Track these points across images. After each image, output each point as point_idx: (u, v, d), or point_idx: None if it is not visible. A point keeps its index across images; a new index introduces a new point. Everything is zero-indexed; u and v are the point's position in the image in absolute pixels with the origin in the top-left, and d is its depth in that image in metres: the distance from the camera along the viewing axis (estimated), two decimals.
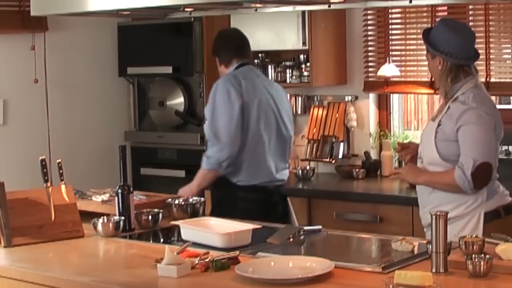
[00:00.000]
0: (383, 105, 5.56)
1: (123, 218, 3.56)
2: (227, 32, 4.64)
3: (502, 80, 5.01)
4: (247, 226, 3.30)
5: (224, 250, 3.08)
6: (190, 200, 3.90)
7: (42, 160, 3.54)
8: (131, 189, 3.62)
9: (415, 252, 3.02)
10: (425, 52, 5.31)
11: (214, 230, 3.31)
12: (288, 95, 5.63)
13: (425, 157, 3.55)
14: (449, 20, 3.94)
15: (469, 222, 3.47)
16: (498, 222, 3.52)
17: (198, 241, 3.22)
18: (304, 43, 5.27)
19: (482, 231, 3.41)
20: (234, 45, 4.33)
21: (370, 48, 5.47)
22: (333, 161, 5.45)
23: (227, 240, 3.17)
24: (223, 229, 3.28)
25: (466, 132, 3.42)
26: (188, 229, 3.34)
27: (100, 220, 3.51)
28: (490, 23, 4.97)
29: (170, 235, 3.57)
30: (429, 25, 5.17)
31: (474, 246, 2.81)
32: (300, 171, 5.32)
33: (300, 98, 5.64)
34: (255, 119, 4.17)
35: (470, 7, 5.00)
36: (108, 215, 3.61)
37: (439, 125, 3.49)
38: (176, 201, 3.86)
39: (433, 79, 5.17)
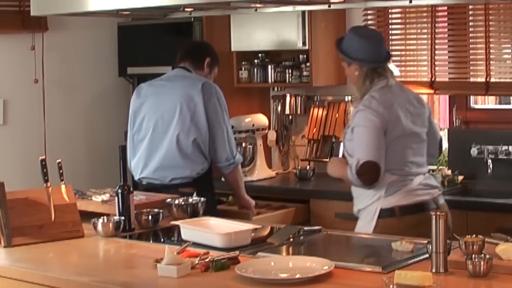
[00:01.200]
0: None
1: (123, 218, 3.56)
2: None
3: (502, 80, 5.01)
4: (247, 226, 3.30)
5: (224, 250, 3.08)
6: (190, 200, 3.90)
7: (42, 160, 3.54)
8: (131, 189, 3.62)
9: (415, 252, 3.02)
10: (425, 52, 5.37)
11: (214, 230, 3.31)
12: (288, 95, 5.66)
13: (346, 156, 3.81)
14: (358, 28, 4.22)
15: (367, 215, 3.70)
16: (392, 221, 3.66)
17: (198, 241, 3.22)
18: (304, 43, 5.27)
19: (373, 226, 3.64)
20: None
21: None
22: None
23: (227, 240, 3.17)
24: (223, 229, 3.28)
25: (354, 133, 3.68)
26: (188, 229, 3.34)
27: (100, 220, 3.52)
28: (490, 23, 4.97)
29: (170, 235, 3.57)
30: (429, 25, 5.18)
31: (474, 246, 2.81)
32: (299, 171, 5.33)
33: (300, 98, 5.64)
34: None
35: (470, 7, 5.00)
36: (108, 215, 3.61)
37: (347, 126, 3.78)
38: (176, 201, 3.86)
39: (433, 79, 5.20)
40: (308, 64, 5.35)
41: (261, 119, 5.48)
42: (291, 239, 3.33)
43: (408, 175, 3.70)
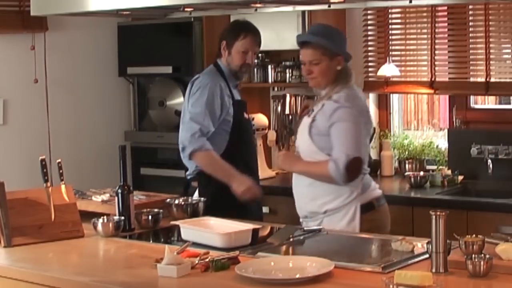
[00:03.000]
0: (383, 105, 5.57)
1: (123, 218, 3.56)
2: None
3: (502, 80, 5.01)
4: (247, 226, 3.30)
5: (224, 250, 3.08)
6: (190, 200, 3.90)
7: (42, 160, 3.54)
8: (131, 189, 3.62)
9: (415, 252, 3.02)
10: (425, 52, 5.32)
11: (214, 230, 3.31)
12: (288, 95, 5.66)
13: (302, 151, 3.75)
14: (325, 25, 4.12)
15: (346, 215, 3.68)
16: (372, 214, 3.74)
17: (198, 241, 3.22)
18: None
19: (358, 223, 3.66)
20: None
21: (370, 48, 5.48)
22: None
23: (227, 240, 3.17)
24: (223, 229, 3.28)
25: (339, 128, 3.63)
26: (188, 229, 3.34)
27: (100, 220, 3.52)
28: (490, 23, 4.97)
29: (170, 235, 3.57)
30: (429, 25, 5.18)
31: (474, 246, 2.81)
32: None
33: (300, 98, 5.64)
34: None
35: (470, 7, 5.01)
36: (108, 215, 3.61)
37: (313, 120, 3.69)
38: (176, 201, 3.86)
39: (433, 79, 5.20)
40: None
41: (261, 119, 5.48)
42: (291, 239, 3.33)
43: (365, 172, 3.80)
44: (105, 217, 3.56)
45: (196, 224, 3.40)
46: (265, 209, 5.09)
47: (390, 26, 5.39)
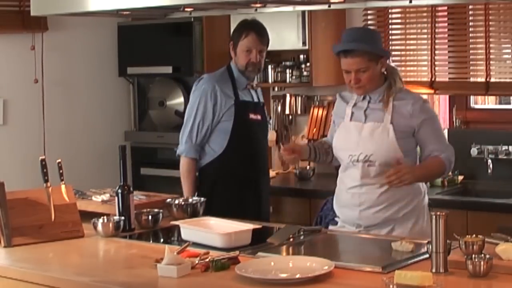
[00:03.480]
0: None
1: (123, 218, 3.56)
2: None
3: (502, 80, 5.01)
4: (247, 226, 3.30)
5: (224, 250, 3.08)
6: (190, 200, 3.90)
7: (42, 160, 3.54)
8: (131, 189, 3.62)
9: (415, 252, 3.02)
10: (425, 52, 5.29)
11: (214, 230, 3.31)
12: (288, 95, 5.66)
13: (380, 158, 3.53)
14: (361, 28, 4.08)
15: (420, 215, 3.61)
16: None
17: (198, 241, 3.22)
18: (304, 43, 5.27)
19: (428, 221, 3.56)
20: None
21: None
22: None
23: (227, 240, 3.17)
24: (223, 229, 3.28)
25: (433, 123, 3.60)
26: (188, 229, 3.34)
27: (100, 220, 3.52)
28: (490, 23, 4.97)
29: (170, 235, 3.57)
30: (429, 25, 5.18)
31: (474, 246, 2.81)
32: (299, 171, 5.33)
33: (300, 98, 5.64)
34: None
35: (470, 7, 5.01)
36: (108, 215, 3.61)
37: (391, 124, 3.54)
38: (176, 201, 3.86)
39: (433, 79, 5.20)
40: (308, 64, 5.36)
41: None
42: (291, 239, 3.33)
43: None
44: (105, 217, 3.56)
45: (196, 224, 3.40)
46: None
47: (390, 26, 5.38)
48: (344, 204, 3.65)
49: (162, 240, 3.56)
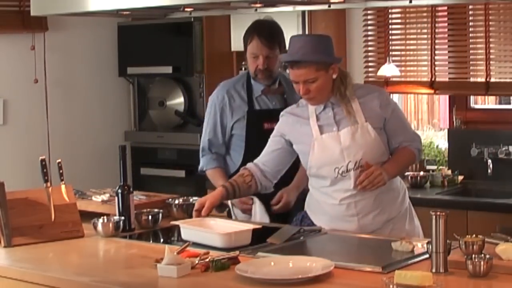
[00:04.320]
0: None
1: (123, 218, 3.55)
2: None
3: (502, 80, 5.02)
4: (247, 226, 3.30)
5: (224, 250, 3.08)
6: (190, 200, 3.90)
7: (42, 160, 3.54)
8: (131, 189, 3.62)
9: (415, 252, 3.02)
10: (425, 52, 5.26)
11: (214, 230, 3.31)
12: None
13: (371, 160, 3.39)
14: (307, 35, 3.87)
15: (412, 210, 3.58)
16: None
17: (198, 241, 3.21)
18: None
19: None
20: None
21: (370, 48, 5.48)
22: None
23: (227, 240, 3.17)
24: (223, 229, 3.27)
25: (398, 112, 3.54)
26: (188, 229, 3.34)
27: (100, 220, 3.51)
28: (490, 23, 4.97)
29: (170, 235, 3.57)
30: (429, 25, 5.18)
31: (474, 246, 2.81)
32: None
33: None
34: None
35: (470, 7, 5.01)
36: (108, 215, 3.61)
37: (367, 122, 3.40)
38: (176, 201, 3.86)
39: (433, 79, 5.20)
40: None
41: None
42: (291, 239, 3.32)
43: None
44: (105, 217, 3.56)
45: (196, 224, 3.40)
46: None
47: (390, 26, 5.39)
48: (337, 216, 3.47)
49: (162, 240, 3.56)
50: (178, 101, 5.82)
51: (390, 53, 5.33)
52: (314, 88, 3.36)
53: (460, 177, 4.96)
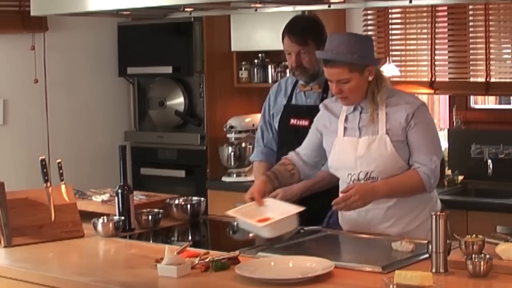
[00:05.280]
0: None
1: (123, 218, 3.56)
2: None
3: (502, 80, 5.01)
4: (294, 209, 3.25)
5: (271, 240, 3.14)
6: (190, 200, 3.90)
7: (42, 160, 3.54)
8: (131, 189, 3.62)
9: (415, 252, 3.02)
10: (425, 52, 5.22)
11: (266, 213, 3.26)
12: None
13: (382, 173, 3.31)
14: (346, 34, 3.52)
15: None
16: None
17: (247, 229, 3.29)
18: None
19: None
20: None
21: None
22: None
23: (269, 231, 3.16)
24: (275, 212, 3.24)
25: (422, 130, 3.31)
26: (238, 218, 3.30)
27: (100, 220, 3.52)
28: (490, 23, 4.97)
29: (170, 235, 3.57)
30: (429, 25, 5.18)
31: (474, 246, 2.81)
32: None
33: None
34: None
35: (470, 7, 5.01)
36: (108, 215, 3.61)
37: (387, 134, 3.30)
38: (176, 201, 3.86)
39: (433, 79, 5.20)
40: None
41: None
42: (291, 239, 3.32)
43: None
44: (105, 217, 3.56)
45: (253, 208, 3.34)
46: None
47: (390, 26, 5.38)
48: (350, 221, 3.45)
49: (162, 240, 3.57)
50: (178, 101, 5.81)
51: (390, 53, 5.33)
52: (347, 89, 3.30)
53: (460, 177, 4.96)
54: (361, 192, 3.23)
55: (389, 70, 5.23)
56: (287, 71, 5.45)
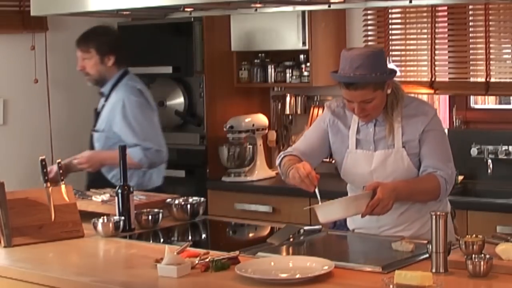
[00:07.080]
0: None
1: (123, 218, 3.56)
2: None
3: (502, 80, 5.01)
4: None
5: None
6: (190, 200, 3.90)
7: (42, 160, 3.55)
8: (131, 189, 3.62)
9: (415, 252, 3.02)
10: (425, 52, 5.20)
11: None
12: (288, 95, 5.66)
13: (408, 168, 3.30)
14: (365, 52, 3.32)
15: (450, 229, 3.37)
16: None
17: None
18: (304, 43, 5.27)
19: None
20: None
21: None
22: (333, 161, 5.43)
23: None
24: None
25: (436, 136, 3.30)
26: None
27: (100, 220, 3.52)
28: (490, 23, 4.97)
29: (170, 235, 3.57)
30: (429, 25, 5.18)
31: (474, 246, 2.81)
32: None
33: (300, 98, 5.64)
34: None
35: (470, 7, 5.01)
36: (108, 215, 3.62)
37: (403, 147, 3.27)
38: (176, 201, 3.86)
39: (433, 79, 5.20)
40: (308, 64, 5.35)
41: (261, 119, 5.49)
42: (291, 239, 3.33)
43: None
44: (105, 217, 3.57)
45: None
46: (266, 209, 5.11)
47: (390, 26, 5.38)
48: (360, 226, 3.41)
49: (162, 240, 3.57)
50: (178, 101, 5.81)
51: (390, 53, 5.33)
52: (371, 107, 3.24)
53: (460, 177, 4.96)
54: (385, 194, 3.11)
55: None
56: (288, 71, 5.47)
